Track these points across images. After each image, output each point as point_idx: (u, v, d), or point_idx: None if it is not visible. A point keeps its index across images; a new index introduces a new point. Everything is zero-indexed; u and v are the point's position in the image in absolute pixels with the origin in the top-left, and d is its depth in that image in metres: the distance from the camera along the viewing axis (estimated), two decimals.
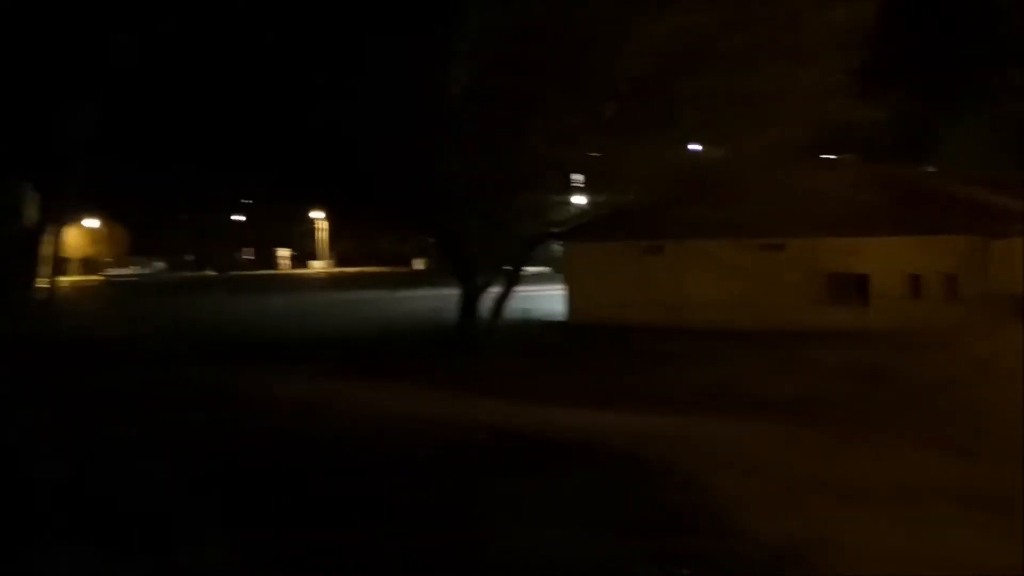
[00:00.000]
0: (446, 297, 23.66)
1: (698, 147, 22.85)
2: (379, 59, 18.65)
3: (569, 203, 26.47)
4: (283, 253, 79.31)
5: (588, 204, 25.59)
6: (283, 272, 73.49)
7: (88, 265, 72.22)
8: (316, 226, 74.67)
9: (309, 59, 19.13)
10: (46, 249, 28.77)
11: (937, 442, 10.82)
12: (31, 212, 26.07)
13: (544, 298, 30.19)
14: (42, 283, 25.09)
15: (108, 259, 71.52)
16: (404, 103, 19.15)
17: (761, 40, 17.98)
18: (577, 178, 24.52)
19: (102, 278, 66.96)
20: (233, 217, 74.94)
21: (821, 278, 24.38)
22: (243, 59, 19.41)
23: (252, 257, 76.81)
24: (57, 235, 28.77)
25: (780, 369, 15.80)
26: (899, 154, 32.37)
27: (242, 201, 71.49)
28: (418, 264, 60.27)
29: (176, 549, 7.78)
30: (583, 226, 25.48)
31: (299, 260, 79.65)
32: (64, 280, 59.77)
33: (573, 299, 28.08)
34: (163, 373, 18.20)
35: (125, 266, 71.30)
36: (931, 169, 36.56)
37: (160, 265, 74.63)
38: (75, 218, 55.61)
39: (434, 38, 18.51)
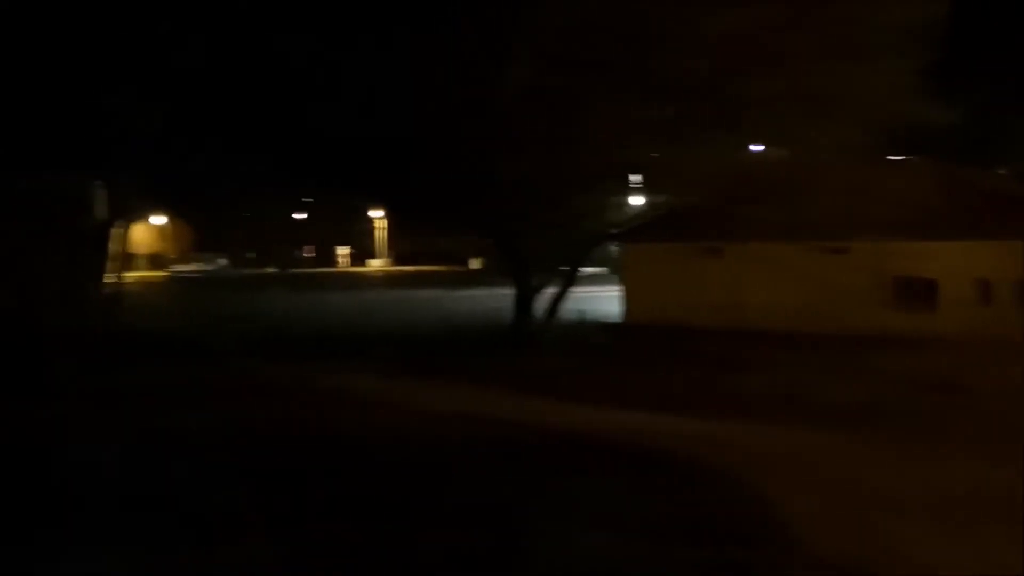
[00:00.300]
0: (503, 297, 23.65)
1: (760, 147, 22.46)
2: (439, 59, 18.67)
3: (627, 204, 26.26)
4: (342, 251, 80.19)
5: (646, 205, 25.35)
6: (342, 270, 74.27)
7: (154, 261, 73.91)
8: (375, 225, 75.40)
9: (371, 60, 19.25)
10: (114, 245, 29.48)
11: (1005, 456, 10.40)
12: (100, 208, 26.74)
13: (600, 299, 30.00)
14: (110, 278, 25.70)
15: (173, 255, 73.09)
16: (464, 103, 19.16)
17: (827, 39, 17.54)
18: (635, 179, 24.30)
19: (167, 274, 68.43)
20: (294, 215, 76.05)
21: (887, 282, 23.74)
22: (306, 59, 19.61)
23: (312, 255, 77.80)
24: (124, 231, 29.48)
25: (844, 376, 15.38)
26: (972, 156, 31.41)
27: (303, 200, 72.62)
28: (474, 263, 60.44)
29: (222, 542, 7.91)
30: (641, 227, 25.24)
31: (358, 258, 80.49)
32: (131, 275, 61.24)
33: (630, 300, 27.81)
34: (227, 367, 18.54)
35: (189, 262, 72.80)
36: (1004, 172, 35.45)
37: (223, 262, 76.03)
38: (142, 215, 56.99)
39: (494, 37, 18.46)
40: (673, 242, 26.26)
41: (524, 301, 21.70)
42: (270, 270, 70.62)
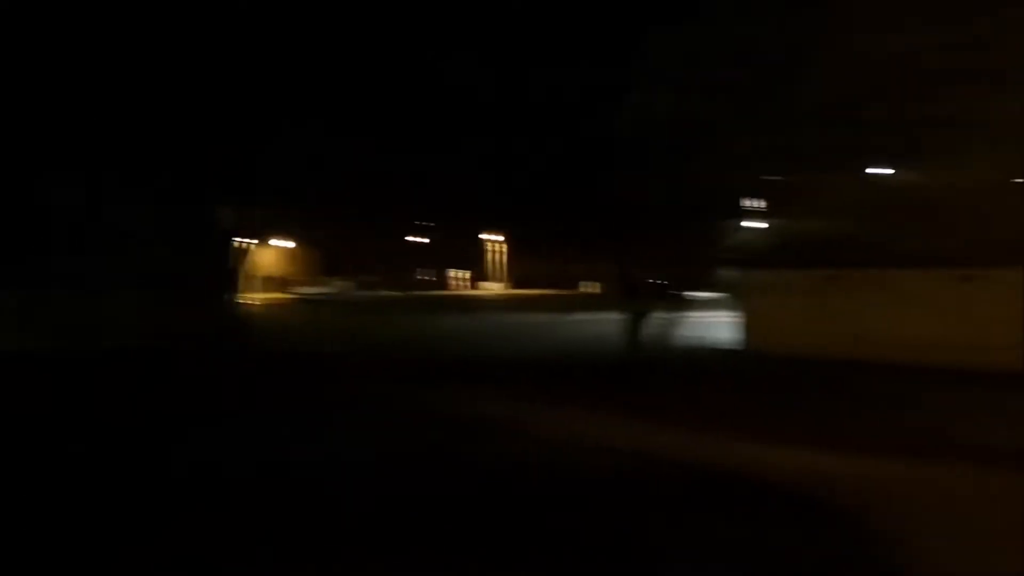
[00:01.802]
0: (618, 322, 23.67)
1: (891, 172, 21.95)
2: (567, 83, 19.02)
3: (748, 228, 25.98)
4: (460, 274, 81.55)
5: (769, 230, 25.04)
6: (459, 293, 75.50)
7: (279, 283, 76.86)
8: (493, 248, 76.46)
9: (501, 82, 19.76)
10: (241, 266, 30.88)
11: None
12: (228, 231, 28.17)
13: (717, 325, 29.61)
14: (240, 298, 26.94)
15: (299, 278, 75.82)
16: (583, 127, 19.47)
17: (959, 62, 17.11)
18: (759, 203, 24.06)
19: (291, 296, 70.97)
20: (414, 239, 77.77)
21: (1021, 314, 22.70)
22: (436, 89, 20.31)
23: (431, 278, 79.45)
24: (250, 253, 30.92)
25: (983, 413, 14.68)
26: None
27: (424, 224, 74.28)
28: (594, 287, 60.43)
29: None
30: (761, 252, 24.93)
31: (475, 281, 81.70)
32: (257, 296, 63.79)
33: (749, 327, 27.38)
34: (357, 389, 19.07)
35: (314, 285, 75.35)
36: None
37: (346, 284, 78.38)
38: (269, 237, 59.48)
39: (622, 63, 18.71)
40: (796, 268, 25.79)
41: (640, 326, 21.73)
42: (392, 293, 72.38)
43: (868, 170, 21.42)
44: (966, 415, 14.79)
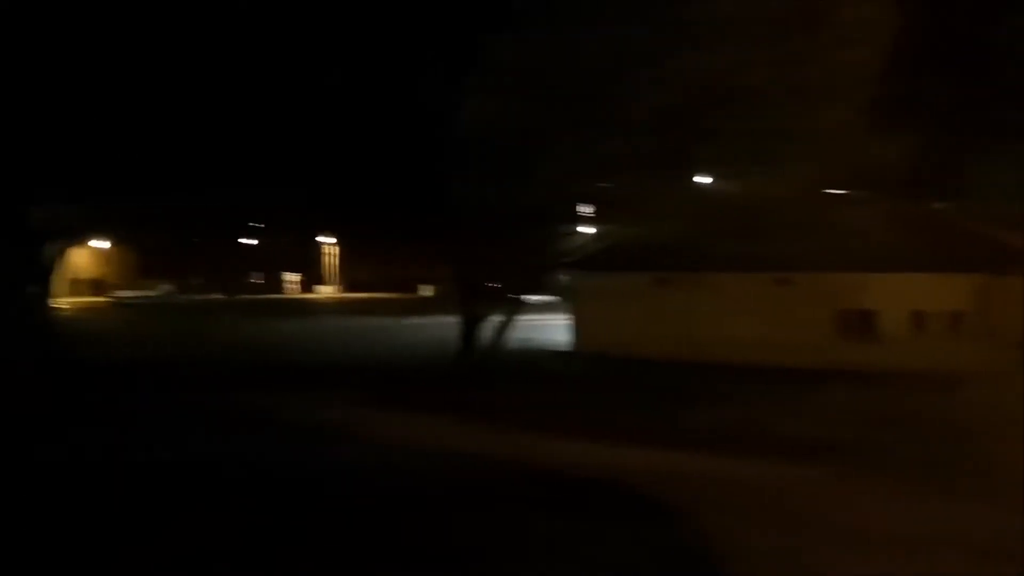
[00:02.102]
0: (453, 325, 23.69)
1: (712, 181, 22.98)
2: (399, 87, 18.84)
3: (579, 233, 26.57)
4: (291, 277, 79.46)
5: (598, 235, 25.69)
6: (291, 296, 73.57)
7: (96, 286, 72.44)
8: (325, 251, 74.96)
9: (330, 82, 19.35)
10: (54, 269, 28.88)
11: (949, 489, 10.72)
12: (41, 231, 26.25)
13: (551, 327, 30.17)
14: (53, 303, 25.13)
15: (116, 280, 71.78)
16: (421, 131, 19.34)
17: (778, 78, 18.10)
18: (588, 209, 24.63)
19: (110, 299, 67.14)
20: (243, 241, 75.19)
21: (832, 315, 24.33)
22: (259, 77, 19.64)
23: (261, 281, 76.96)
24: (63, 255, 28.97)
25: (791, 409, 15.64)
26: (913, 191, 32.37)
27: (252, 225, 71.84)
28: (425, 291, 60.31)
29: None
30: (592, 256, 25.55)
31: (308, 285, 79.84)
32: (71, 300, 59.89)
33: (580, 329, 28.04)
34: (170, 398, 18.22)
35: (133, 288, 71.50)
36: (945, 205, 36.60)
37: (168, 288, 74.80)
38: (82, 239, 55.94)
39: (453, 68, 18.70)
40: (625, 272, 26.61)
41: (474, 329, 21.77)
42: (217, 296, 69.64)
43: (694, 178, 22.33)
44: (776, 412, 15.66)
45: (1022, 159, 35.31)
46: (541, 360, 24.88)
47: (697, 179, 22.38)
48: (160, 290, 73.60)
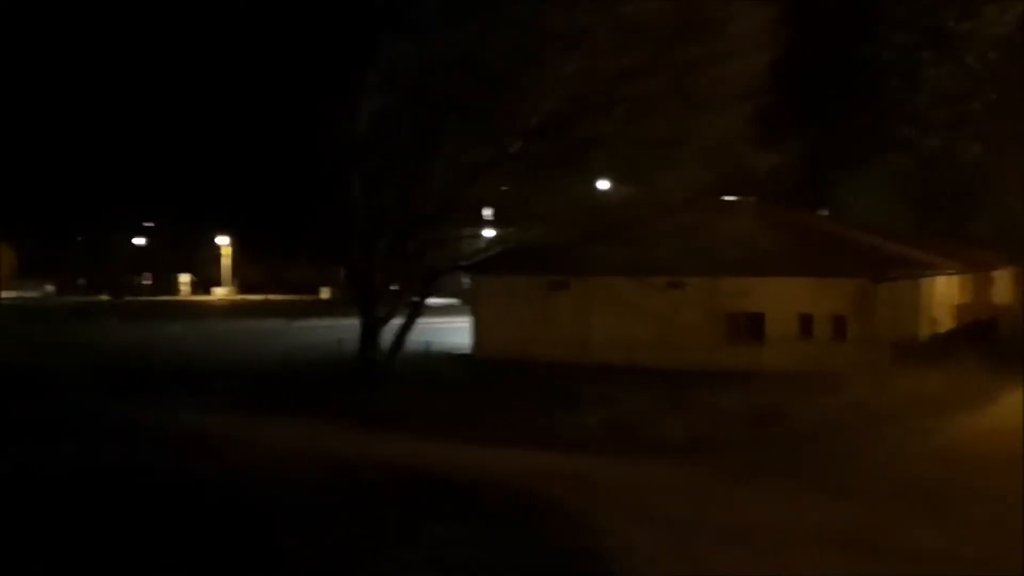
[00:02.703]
0: (350, 327, 23.39)
1: (605, 186, 23.33)
2: (288, 87, 18.56)
3: (478, 236, 26.62)
4: (184, 279, 77.17)
5: (496, 238, 25.77)
6: (184, 298, 71.41)
7: None
8: (220, 252, 73.04)
9: (221, 83, 18.93)
10: None
11: (819, 485, 11.17)
12: None
13: (451, 331, 30.13)
14: None
15: None
16: (313, 131, 19.07)
17: (665, 86, 18.51)
18: (486, 212, 24.72)
19: None
20: (133, 240, 72.78)
21: (720, 317, 25.02)
22: (154, 77, 19.11)
23: (151, 282, 74.47)
24: None
25: (676, 410, 15.97)
26: (796, 199, 33.64)
27: (143, 224, 69.50)
28: (325, 293, 59.45)
29: None
30: (490, 260, 25.62)
31: (201, 286, 77.65)
32: None
33: (479, 333, 28.12)
34: (49, 402, 17.52)
35: (12, 289, 68.21)
36: (824, 213, 38.13)
37: (50, 289, 71.63)
38: None
39: (344, 69, 18.52)
40: (521, 275, 26.79)
41: (371, 332, 21.57)
42: (103, 298, 67.08)
43: (587, 183, 22.64)
44: (662, 412, 15.94)
45: (900, 169, 37.21)
46: (438, 364, 24.81)
47: (589, 184, 22.69)
48: (41, 291, 70.44)
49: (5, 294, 67.03)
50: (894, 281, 25.00)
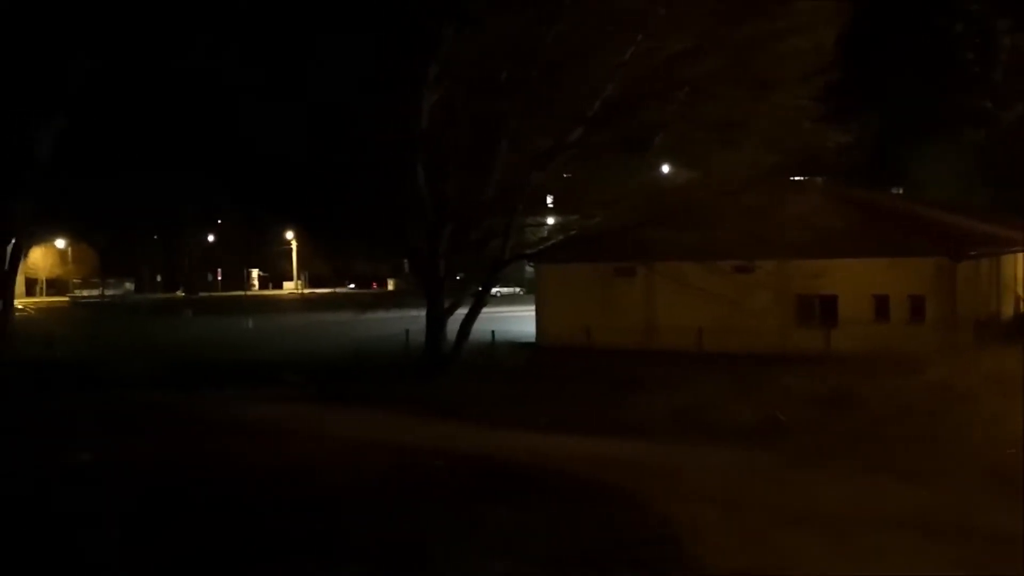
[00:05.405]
0: (416, 319, 23.54)
1: (668, 171, 23.00)
2: (355, 80, 18.66)
3: (541, 224, 26.51)
4: (254, 273, 78.73)
5: (558, 225, 25.61)
6: (253, 293, 72.87)
7: (55, 286, 71.27)
8: (288, 247, 74.25)
9: (288, 78, 19.13)
10: (15, 269, 28.29)
11: (894, 469, 10.83)
12: None
13: (515, 320, 30.14)
14: (16, 304, 24.65)
15: (76, 280, 70.69)
16: (379, 123, 19.18)
17: (727, 66, 18.11)
18: (549, 200, 24.57)
19: (69, 299, 66.16)
20: (205, 237, 74.47)
21: (791, 300, 24.51)
22: (228, 77, 19.40)
23: (222, 278, 76.15)
24: (19, 254, 28.41)
25: (746, 395, 15.70)
26: (868, 177, 32.75)
27: (215, 221, 71.03)
28: (391, 285, 60.05)
29: None
30: (553, 247, 25.46)
31: (270, 281, 79.13)
32: (29, 301, 58.89)
33: (543, 321, 28.05)
34: (126, 396, 17.98)
35: (93, 287, 70.45)
36: (898, 191, 37.05)
37: (128, 286, 73.78)
38: (41, 238, 54.91)
39: (408, 61, 18.54)
40: (585, 262, 26.62)
41: (437, 323, 21.64)
42: (179, 294, 68.84)
43: (651, 168, 22.34)
44: (730, 396, 15.64)
45: (975, 143, 35.96)
46: (504, 353, 24.84)
47: (652, 169, 22.39)
48: (120, 289, 72.59)
49: (87, 292, 69.25)
50: (974, 259, 24.17)
